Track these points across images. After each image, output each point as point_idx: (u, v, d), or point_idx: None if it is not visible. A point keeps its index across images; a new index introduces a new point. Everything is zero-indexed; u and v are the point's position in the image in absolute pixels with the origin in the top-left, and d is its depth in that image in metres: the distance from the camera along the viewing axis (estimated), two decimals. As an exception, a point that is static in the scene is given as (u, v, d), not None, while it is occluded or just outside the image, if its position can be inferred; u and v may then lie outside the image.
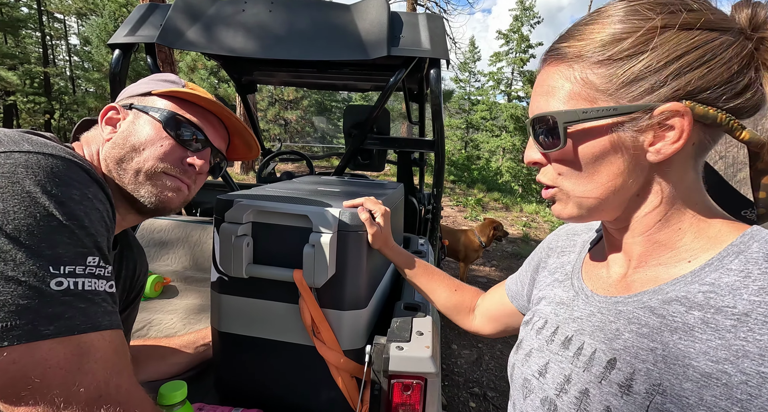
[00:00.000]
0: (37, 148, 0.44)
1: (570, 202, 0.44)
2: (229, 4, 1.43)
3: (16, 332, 0.37)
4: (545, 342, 0.49)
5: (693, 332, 0.36)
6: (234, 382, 0.84)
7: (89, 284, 0.44)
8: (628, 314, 0.41)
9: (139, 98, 0.67)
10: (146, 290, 1.26)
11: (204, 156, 0.68)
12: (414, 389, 0.70)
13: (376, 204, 0.81)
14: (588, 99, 0.39)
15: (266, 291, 0.78)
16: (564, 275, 0.54)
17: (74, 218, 0.44)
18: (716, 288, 0.36)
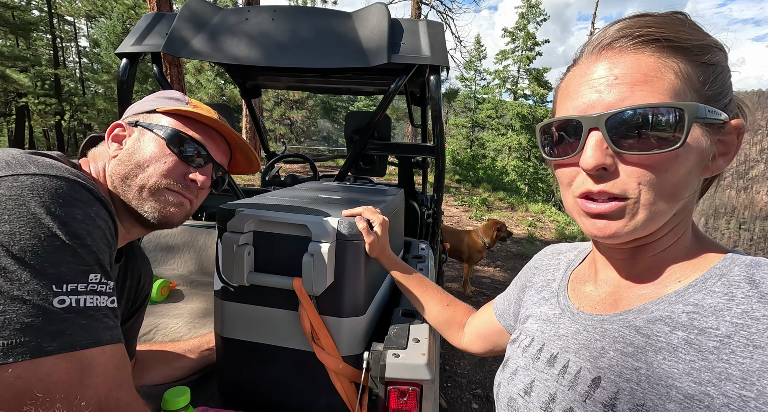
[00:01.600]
0: (43, 170, 0.47)
1: (638, 216, 0.37)
2: (232, 13, 1.46)
3: (21, 349, 0.39)
4: (531, 360, 0.48)
5: (677, 352, 0.35)
6: (237, 386, 0.86)
7: (91, 300, 0.45)
8: (613, 333, 0.41)
9: (144, 116, 0.69)
10: (152, 294, 1.29)
11: (206, 172, 0.70)
12: (410, 395, 0.72)
13: (374, 213, 0.82)
14: (686, 97, 0.35)
15: (267, 298, 0.80)
16: (550, 293, 0.54)
17: (77, 237, 0.45)
18: (700, 309, 0.36)
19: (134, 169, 0.64)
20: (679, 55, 0.36)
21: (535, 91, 18.81)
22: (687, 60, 0.36)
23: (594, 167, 0.37)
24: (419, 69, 1.47)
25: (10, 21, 15.65)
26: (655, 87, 0.35)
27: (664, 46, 0.36)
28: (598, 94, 0.37)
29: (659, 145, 0.35)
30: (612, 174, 0.37)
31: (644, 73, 0.36)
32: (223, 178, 0.78)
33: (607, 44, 0.38)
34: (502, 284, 4.12)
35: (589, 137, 0.38)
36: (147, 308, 1.26)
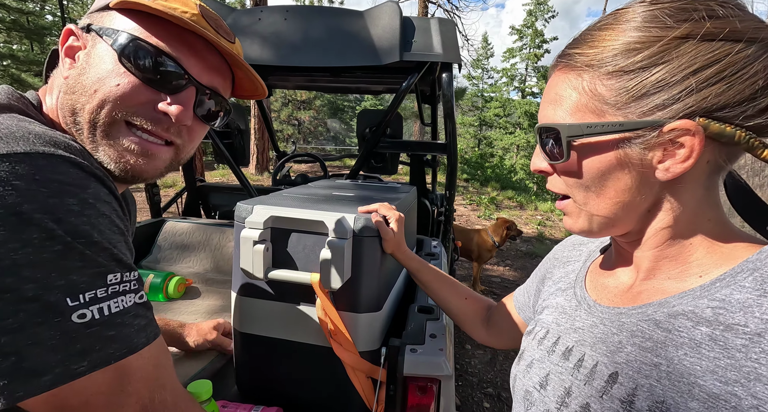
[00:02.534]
0: (3, 146, 0.35)
1: (581, 216, 0.42)
2: (245, 14, 1.48)
3: (48, 377, 0.34)
4: (546, 353, 0.47)
5: (700, 348, 0.34)
6: (254, 381, 0.88)
7: (115, 305, 0.39)
8: (631, 327, 0.40)
9: (98, 16, 0.49)
10: (170, 291, 1.32)
11: (183, 100, 0.49)
12: (428, 390, 0.72)
13: (390, 210, 0.83)
14: (595, 112, 0.37)
15: (285, 294, 0.81)
16: (567, 284, 0.53)
17: (80, 235, 0.37)
18: (726, 304, 0.34)
19: (81, 96, 0.46)
20: (588, 71, 0.38)
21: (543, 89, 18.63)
22: (596, 75, 0.37)
23: (533, 170, 0.46)
24: (430, 67, 1.47)
25: (25, 26, 16.00)
26: (561, 107, 0.40)
27: (573, 65, 0.39)
28: (541, 109, 0.43)
29: (557, 157, 0.41)
30: (552, 176, 0.44)
31: (557, 93, 0.40)
32: (222, 107, 0.56)
33: (553, 65, 0.43)
34: (512, 283, 4.10)
35: (537, 145, 0.45)
36: (164, 305, 1.28)
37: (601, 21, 0.39)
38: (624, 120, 0.36)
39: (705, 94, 0.34)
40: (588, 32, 0.39)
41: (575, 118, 0.39)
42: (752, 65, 0.33)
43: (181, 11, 0.48)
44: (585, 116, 0.38)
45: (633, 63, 0.35)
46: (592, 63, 0.37)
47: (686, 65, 0.34)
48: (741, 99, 0.33)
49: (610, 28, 0.37)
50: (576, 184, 0.41)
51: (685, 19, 0.34)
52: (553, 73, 0.42)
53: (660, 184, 0.38)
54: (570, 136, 0.38)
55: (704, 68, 0.33)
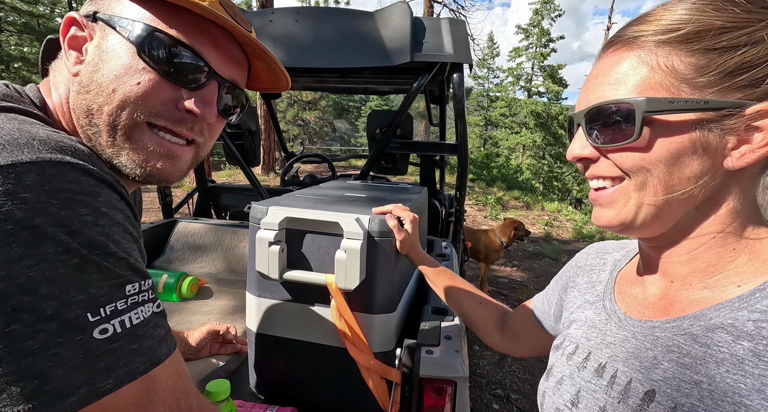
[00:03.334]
0: (9, 156, 0.32)
1: (628, 205, 0.39)
2: (256, 15, 1.49)
3: (74, 398, 0.33)
4: (576, 369, 0.45)
5: (743, 365, 0.33)
6: (270, 381, 0.88)
7: (136, 316, 0.38)
8: (666, 341, 0.38)
9: (104, 3, 0.45)
10: (183, 292, 1.33)
11: (207, 97, 0.47)
12: (444, 392, 0.72)
13: (405, 211, 0.83)
14: (669, 89, 0.35)
15: (300, 295, 0.81)
16: (595, 297, 0.51)
17: (95, 246, 0.35)
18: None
19: (97, 97, 0.43)
20: (664, 47, 0.36)
21: (550, 89, 18.53)
22: (674, 51, 0.35)
23: (573, 157, 0.42)
24: (440, 67, 1.47)
25: (35, 29, 16.24)
26: (625, 83, 0.37)
27: (646, 41, 0.37)
28: (585, 94, 0.41)
29: (619, 138, 0.37)
30: (599, 165, 0.40)
31: (619, 71, 0.38)
32: (239, 101, 0.53)
33: (606, 46, 0.41)
34: (520, 284, 4.07)
35: (577, 132, 0.42)
36: (179, 305, 1.30)
37: (681, 2, 0.37)
38: (707, 97, 0.34)
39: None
40: (658, 10, 0.37)
41: (644, 95, 0.36)
42: None
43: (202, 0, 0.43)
44: (657, 93, 0.35)
45: (718, 41, 0.34)
46: (669, 40, 0.35)
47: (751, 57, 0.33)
48: None
49: (685, 8, 0.36)
50: (636, 167, 0.37)
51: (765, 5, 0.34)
52: (607, 53, 0.40)
53: (722, 176, 0.36)
54: (648, 111, 0.35)
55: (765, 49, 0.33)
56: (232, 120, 0.55)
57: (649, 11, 0.38)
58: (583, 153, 0.40)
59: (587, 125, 0.40)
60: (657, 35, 0.36)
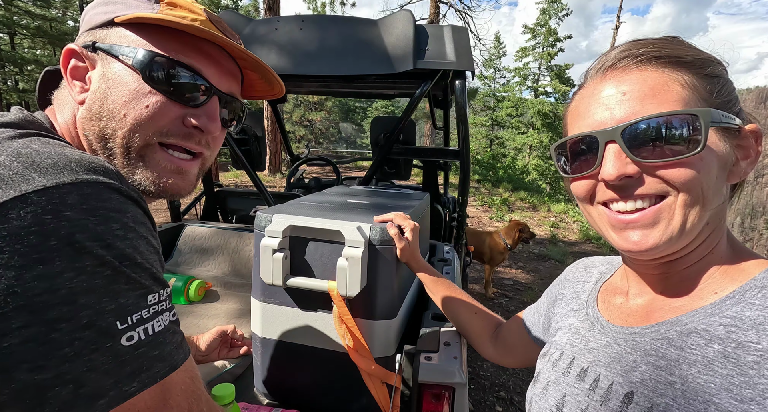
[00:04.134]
0: (51, 178, 0.36)
1: (675, 219, 0.37)
2: (262, 23, 1.51)
3: (104, 401, 0.36)
4: (561, 374, 0.47)
5: (713, 366, 0.35)
6: (273, 384, 0.91)
7: (158, 324, 0.41)
8: (645, 346, 0.40)
9: (101, 32, 0.47)
10: (191, 295, 1.36)
11: (210, 112, 0.50)
12: (442, 397, 0.74)
13: (405, 219, 0.85)
14: (698, 105, 0.37)
15: (303, 301, 0.84)
16: (579, 305, 0.53)
17: (126, 258, 0.38)
18: (738, 322, 0.35)
19: (109, 123, 0.46)
20: (682, 68, 0.38)
21: (557, 88, 18.38)
22: (690, 73, 0.38)
23: (617, 177, 0.38)
24: (443, 73, 1.49)
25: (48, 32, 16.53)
26: (663, 98, 0.37)
27: (666, 61, 0.38)
28: (609, 111, 0.39)
29: (680, 152, 0.36)
30: (637, 182, 0.38)
31: (651, 87, 0.38)
32: (240, 110, 0.57)
33: (611, 65, 0.40)
34: (525, 286, 4.06)
35: (606, 150, 0.39)
36: (186, 308, 1.33)
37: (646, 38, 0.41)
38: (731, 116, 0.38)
39: (738, 106, 0.39)
40: (664, 39, 0.41)
41: (690, 107, 0.37)
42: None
43: (191, 19, 0.47)
44: (701, 107, 0.37)
45: (721, 72, 0.39)
46: (691, 62, 0.38)
47: (730, 82, 0.40)
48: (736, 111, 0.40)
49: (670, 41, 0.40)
50: (690, 182, 0.36)
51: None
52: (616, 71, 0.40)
53: (726, 191, 0.39)
54: (713, 122, 0.36)
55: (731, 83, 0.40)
56: (233, 130, 0.59)
57: (638, 41, 0.41)
58: (627, 171, 0.38)
59: (628, 141, 0.38)
60: (674, 58, 0.38)
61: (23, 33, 16.28)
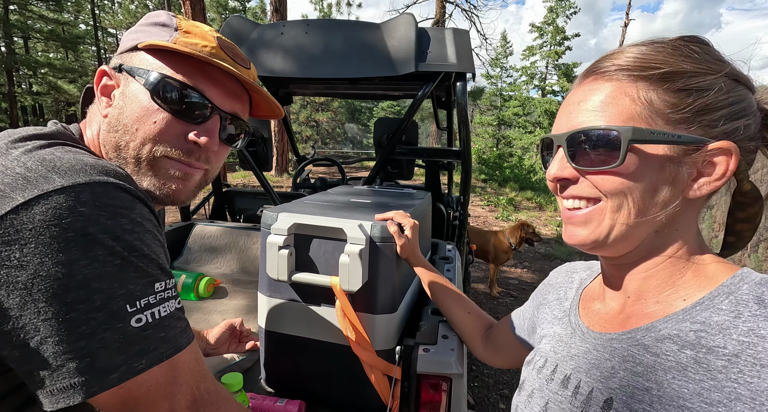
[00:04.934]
0: (69, 179, 0.41)
1: (603, 224, 0.41)
2: (269, 28, 1.56)
3: (116, 375, 0.40)
4: (545, 381, 0.48)
5: (686, 371, 0.36)
6: (280, 376, 0.94)
7: (163, 309, 0.45)
8: (622, 352, 0.41)
9: (127, 56, 0.54)
10: (200, 291, 1.41)
11: (209, 129, 0.55)
12: (440, 388, 0.77)
13: (405, 217, 0.88)
14: (647, 121, 0.38)
15: (307, 295, 0.87)
16: (562, 312, 0.54)
17: (134, 250, 0.43)
18: (707, 327, 0.36)
19: (123, 135, 0.52)
20: (645, 81, 0.39)
21: (564, 87, 18.23)
22: (652, 86, 0.39)
23: (554, 177, 0.44)
24: (446, 75, 1.51)
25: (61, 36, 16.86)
26: (608, 112, 0.40)
27: (631, 74, 0.40)
28: (566, 118, 0.43)
29: (605, 162, 0.40)
30: (575, 184, 0.43)
31: (602, 99, 0.40)
32: (242, 129, 0.62)
33: (586, 74, 0.44)
34: (530, 285, 4.06)
35: (557, 153, 0.44)
36: (196, 304, 1.38)
37: (647, 44, 0.41)
38: (679, 132, 0.38)
39: (737, 124, 0.38)
40: (634, 50, 0.41)
41: (626, 124, 0.39)
42: (755, 111, 0.40)
43: (201, 46, 0.53)
44: (637, 123, 0.39)
45: (690, 84, 0.38)
46: (647, 76, 0.39)
47: (727, 97, 0.38)
48: (751, 135, 0.40)
49: (660, 50, 0.40)
50: (616, 190, 0.40)
51: (724, 60, 0.40)
52: (586, 81, 0.43)
53: (682, 204, 0.40)
54: (634, 140, 0.38)
55: (738, 103, 0.39)
56: (237, 146, 0.63)
57: (622, 49, 0.42)
58: (563, 174, 0.43)
59: (569, 148, 0.42)
60: (636, 71, 0.39)
61: (37, 37, 16.64)
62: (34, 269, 0.37)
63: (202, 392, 0.49)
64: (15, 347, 0.39)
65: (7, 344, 0.39)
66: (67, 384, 0.39)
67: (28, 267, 0.37)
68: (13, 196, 0.38)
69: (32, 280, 0.37)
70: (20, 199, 0.38)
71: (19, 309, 0.38)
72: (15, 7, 14.84)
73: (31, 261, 0.37)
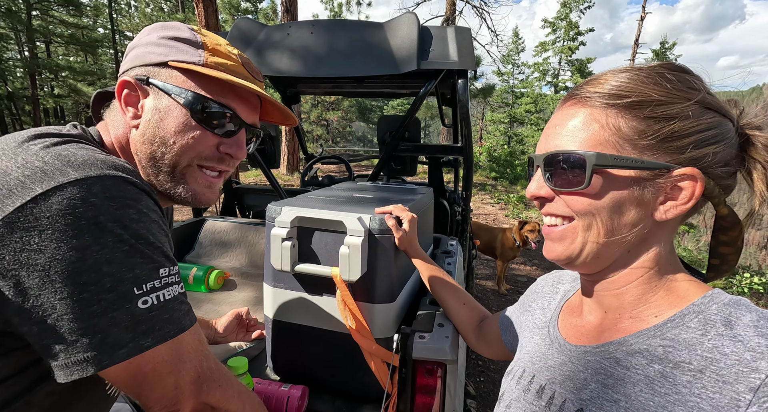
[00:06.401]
0: (83, 172, 0.44)
1: (575, 242, 0.44)
2: (276, 29, 1.60)
3: (124, 350, 0.45)
4: (522, 392, 0.50)
5: (653, 385, 0.37)
6: (284, 363, 0.99)
7: (168, 293, 0.48)
8: (595, 364, 0.43)
9: (154, 70, 0.57)
10: (210, 283, 1.47)
11: (240, 140, 0.63)
12: (434, 373, 0.80)
13: (404, 211, 0.91)
14: (615, 147, 0.40)
15: (310, 285, 0.91)
16: (543, 323, 0.56)
17: (140, 238, 0.46)
18: (675, 343, 0.38)
19: (160, 147, 0.57)
20: (615, 109, 0.41)
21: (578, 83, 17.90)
22: (622, 114, 0.41)
23: (530, 195, 0.47)
24: (449, 72, 1.53)
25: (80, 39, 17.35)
26: (578, 137, 0.42)
27: (604, 102, 0.42)
28: (546, 139, 0.46)
29: (573, 185, 0.42)
30: (551, 203, 0.45)
31: (575, 124, 0.43)
32: (254, 134, 0.69)
33: (565, 99, 0.46)
34: (539, 283, 4.03)
35: (536, 172, 0.47)
36: (206, 295, 1.44)
37: (623, 71, 0.43)
38: (644, 159, 0.40)
39: (705, 151, 0.40)
40: (607, 77, 0.43)
41: (595, 149, 0.41)
42: (730, 137, 0.41)
43: (230, 65, 0.59)
44: (604, 149, 0.41)
45: (657, 112, 0.40)
46: (617, 104, 0.41)
47: (694, 124, 0.39)
48: (724, 161, 0.40)
49: (630, 78, 0.41)
50: (585, 211, 0.43)
51: (696, 89, 0.41)
52: (565, 105, 0.45)
53: (651, 225, 0.42)
54: (597, 165, 0.40)
55: (708, 130, 0.40)
56: (250, 149, 0.70)
57: (601, 75, 0.44)
58: (540, 192, 0.46)
59: (545, 168, 0.45)
60: (607, 98, 0.41)
61: (58, 41, 17.18)
62: (51, 252, 0.41)
63: (205, 370, 0.53)
64: (34, 323, 0.42)
65: (27, 321, 0.43)
66: (81, 358, 0.43)
67: (45, 251, 0.41)
68: (33, 187, 0.42)
69: (50, 262, 0.41)
70: (39, 190, 0.42)
71: (38, 288, 0.42)
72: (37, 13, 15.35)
73: (49, 246, 0.41)
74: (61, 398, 0.52)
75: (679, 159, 0.40)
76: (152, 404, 0.50)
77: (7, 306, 0.42)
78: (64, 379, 0.43)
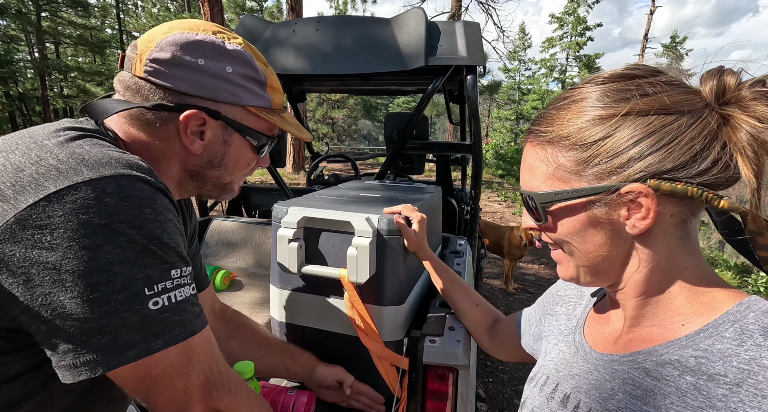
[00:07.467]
0: (97, 172, 0.44)
1: (570, 266, 0.46)
2: (281, 26, 1.58)
3: (134, 351, 0.44)
4: (546, 400, 0.49)
5: (685, 397, 0.36)
6: None
7: (180, 294, 0.48)
8: (623, 374, 0.41)
9: (225, 107, 0.60)
10: (216, 284, 1.46)
11: (267, 155, 0.71)
12: (446, 378, 0.78)
13: (413, 211, 0.89)
14: (562, 179, 0.42)
15: (317, 287, 0.89)
16: (568, 329, 0.55)
17: (154, 238, 0.46)
18: (709, 354, 0.36)
19: (218, 170, 0.63)
20: (552, 145, 0.43)
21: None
22: (559, 148, 0.42)
23: (523, 229, 0.50)
24: (457, 68, 1.50)
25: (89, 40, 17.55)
26: (532, 175, 0.45)
27: (542, 138, 0.44)
28: (521, 175, 0.49)
29: (537, 220, 0.46)
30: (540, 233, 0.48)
31: (530, 163, 0.46)
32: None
33: (525, 136, 0.48)
34: (547, 282, 3.99)
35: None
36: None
37: (558, 102, 0.44)
38: (585, 186, 0.41)
39: (649, 160, 0.38)
40: (548, 112, 0.44)
41: (547, 185, 0.43)
42: (687, 132, 0.37)
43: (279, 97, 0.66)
44: (554, 183, 0.43)
45: (587, 137, 0.40)
46: (552, 139, 0.42)
47: (629, 137, 0.38)
48: (684, 161, 0.37)
49: (565, 109, 0.42)
50: (558, 240, 0.46)
51: (625, 99, 0.39)
52: (525, 144, 0.47)
53: (632, 238, 0.41)
54: (543, 203, 0.43)
55: (644, 139, 0.38)
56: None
57: (545, 110, 0.45)
58: (529, 224, 0.49)
59: (523, 205, 0.48)
60: (542, 134, 0.43)
61: (67, 42, 17.39)
62: (62, 251, 0.41)
63: (215, 374, 0.52)
64: (42, 321, 0.42)
65: (35, 319, 0.42)
66: (90, 358, 0.42)
67: (57, 249, 0.41)
68: (46, 185, 0.42)
69: (61, 261, 0.41)
70: (52, 189, 0.42)
71: (48, 287, 0.41)
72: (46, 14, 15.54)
73: (61, 244, 0.41)
74: (81, 397, 0.52)
75: (625, 176, 0.39)
76: (160, 409, 0.49)
77: (15, 304, 0.42)
78: (71, 379, 0.43)
